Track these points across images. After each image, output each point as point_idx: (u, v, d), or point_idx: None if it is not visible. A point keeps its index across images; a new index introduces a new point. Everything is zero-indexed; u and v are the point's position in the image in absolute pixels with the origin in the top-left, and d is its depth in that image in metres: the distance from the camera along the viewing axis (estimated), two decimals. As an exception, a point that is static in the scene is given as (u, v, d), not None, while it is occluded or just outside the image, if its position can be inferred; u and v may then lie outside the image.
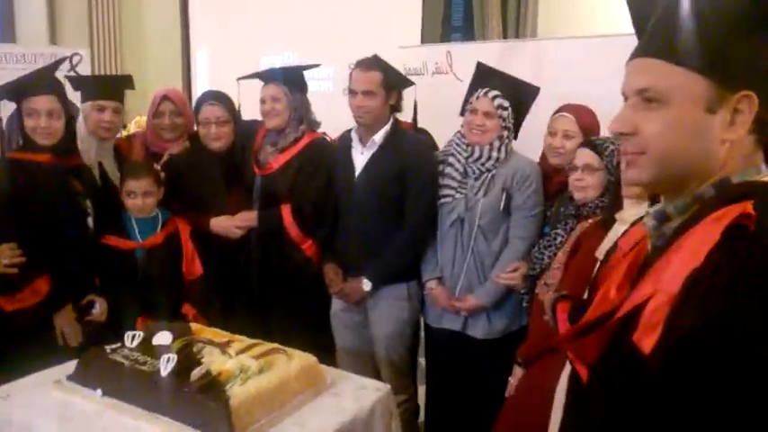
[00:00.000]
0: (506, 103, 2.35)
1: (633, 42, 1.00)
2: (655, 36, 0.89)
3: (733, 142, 0.85)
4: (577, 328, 0.98)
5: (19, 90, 2.31)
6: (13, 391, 1.76)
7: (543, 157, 2.45)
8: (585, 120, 2.33)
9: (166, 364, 1.65)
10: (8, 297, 2.17)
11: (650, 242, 0.94)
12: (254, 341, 1.86)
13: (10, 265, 2.15)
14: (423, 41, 4.43)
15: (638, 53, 0.91)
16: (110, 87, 2.73)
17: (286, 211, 2.58)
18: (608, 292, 0.96)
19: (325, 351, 2.44)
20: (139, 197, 2.43)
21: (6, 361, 2.01)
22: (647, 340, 0.79)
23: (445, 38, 4.95)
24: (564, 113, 2.36)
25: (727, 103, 0.84)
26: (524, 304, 2.28)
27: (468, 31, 5.25)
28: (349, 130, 2.62)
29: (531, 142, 2.54)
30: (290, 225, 2.57)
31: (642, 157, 0.89)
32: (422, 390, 2.74)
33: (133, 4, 5.80)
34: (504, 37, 4.91)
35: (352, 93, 2.47)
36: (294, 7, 4.76)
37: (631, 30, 0.98)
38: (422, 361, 2.78)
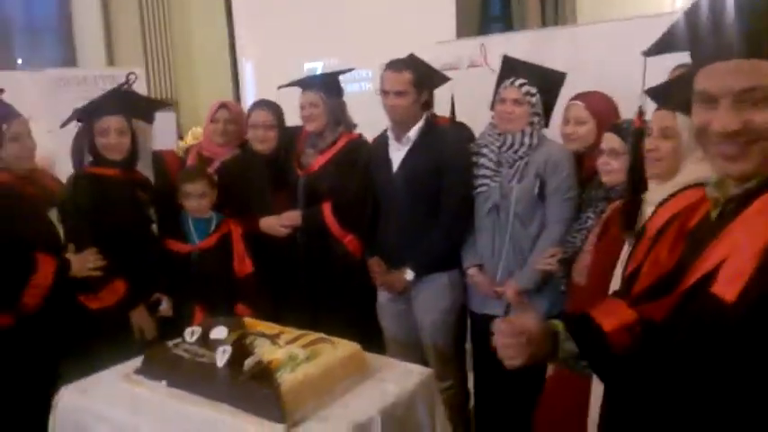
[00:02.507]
0: (534, 90, 2.41)
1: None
2: (749, 39, 0.93)
3: None
4: (641, 292, 1.09)
5: (92, 111, 2.52)
6: (89, 385, 1.94)
7: (568, 143, 2.50)
8: (596, 105, 2.38)
9: (222, 356, 1.79)
10: (92, 297, 2.40)
11: (715, 211, 1.03)
12: (301, 332, 1.98)
13: (94, 268, 2.37)
14: (459, 35, 4.47)
15: (727, 55, 0.94)
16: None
17: (327, 209, 2.72)
18: (658, 256, 1.07)
19: (374, 341, 2.56)
20: (195, 198, 2.63)
21: (88, 356, 2.21)
22: (730, 291, 0.89)
23: (484, 29, 4.95)
24: (575, 101, 2.42)
25: None
26: (562, 288, 2.32)
27: (507, 20, 5.23)
28: (385, 130, 2.72)
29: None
30: (331, 221, 2.71)
31: (754, 146, 0.94)
32: (471, 377, 2.81)
33: (182, 22, 6.07)
34: (544, 23, 4.89)
35: (384, 93, 2.58)
36: (332, 14, 4.89)
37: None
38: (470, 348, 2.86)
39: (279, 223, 2.77)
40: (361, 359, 1.93)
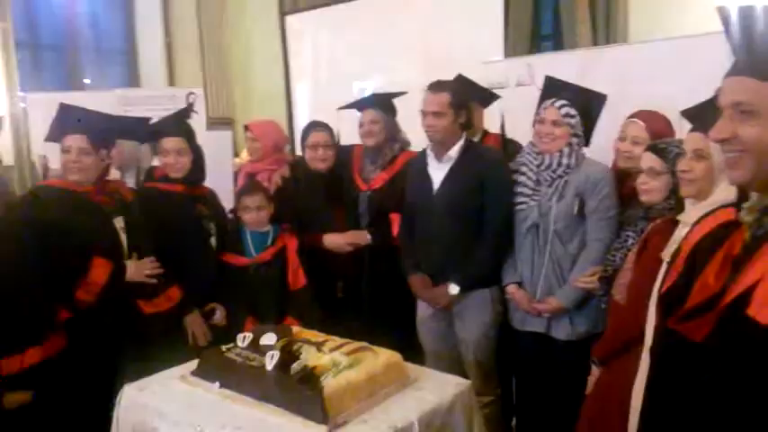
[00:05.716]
0: (573, 111, 2.44)
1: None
2: (749, 58, 1.03)
3: None
4: (684, 312, 1.14)
5: (155, 133, 2.74)
6: (149, 385, 2.09)
7: (615, 161, 2.52)
8: (656, 126, 2.37)
9: (271, 360, 1.91)
10: (147, 302, 2.56)
11: (749, 233, 1.08)
12: (345, 340, 2.08)
13: (151, 275, 2.54)
14: (507, 54, 4.54)
15: (734, 72, 1.06)
16: None
17: (395, 221, 2.86)
18: (707, 280, 1.12)
19: (417, 355, 2.64)
20: (254, 211, 2.79)
21: (143, 357, 2.37)
22: (764, 313, 0.94)
23: (534, 47, 4.99)
24: (635, 119, 2.42)
25: None
26: (603, 306, 2.34)
27: (558, 39, 5.24)
28: (424, 149, 2.78)
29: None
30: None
31: (743, 156, 1.03)
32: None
33: (239, 44, 6.35)
34: (595, 42, 4.89)
35: (423, 114, 2.64)
36: (382, 34, 5.04)
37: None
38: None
39: (345, 241, 2.91)
40: (401, 368, 2.02)
